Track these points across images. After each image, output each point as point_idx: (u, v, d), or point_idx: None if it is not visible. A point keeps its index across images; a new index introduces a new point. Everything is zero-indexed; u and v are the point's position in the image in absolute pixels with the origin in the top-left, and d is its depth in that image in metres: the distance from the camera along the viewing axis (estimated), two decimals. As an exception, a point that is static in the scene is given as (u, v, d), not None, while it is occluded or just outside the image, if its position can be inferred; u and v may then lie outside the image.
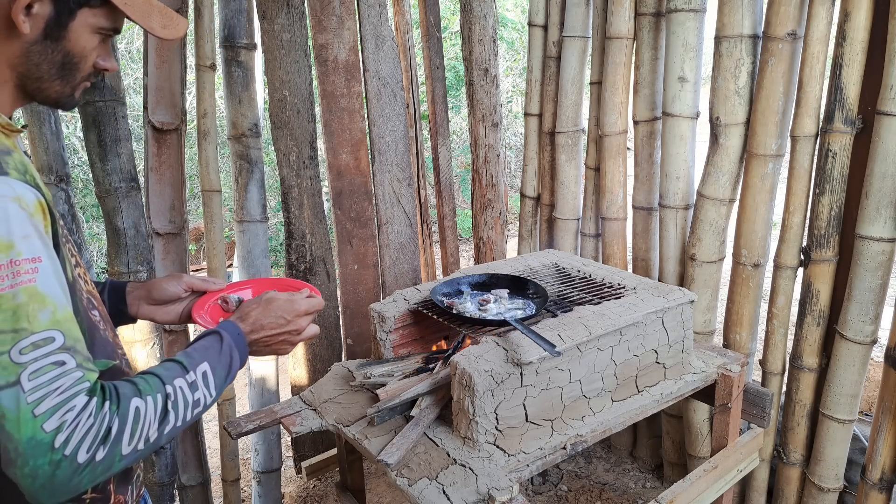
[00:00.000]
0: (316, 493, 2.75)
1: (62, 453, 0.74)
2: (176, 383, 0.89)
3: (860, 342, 1.96)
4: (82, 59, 0.91)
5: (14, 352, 0.73)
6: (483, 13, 2.78)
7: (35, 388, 0.74)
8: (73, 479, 0.76)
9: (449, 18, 6.35)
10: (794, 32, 1.97)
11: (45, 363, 0.75)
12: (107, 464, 0.79)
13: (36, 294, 0.75)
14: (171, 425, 0.87)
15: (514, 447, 1.48)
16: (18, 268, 0.74)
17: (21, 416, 0.73)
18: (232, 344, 1.00)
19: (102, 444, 0.78)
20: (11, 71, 0.87)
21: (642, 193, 2.49)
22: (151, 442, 0.84)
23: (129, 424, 0.81)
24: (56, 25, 0.86)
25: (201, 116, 2.20)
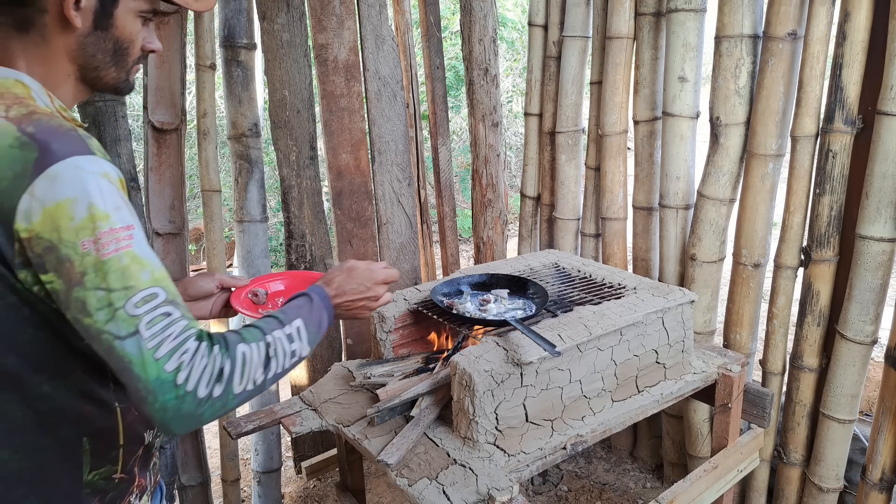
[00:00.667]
0: (316, 493, 2.75)
1: (185, 389, 0.84)
2: (275, 334, 0.99)
3: (860, 342, 1.96)
4: (130, 43, 0.98)
5: (129, 306, 0.82)
6: (483, 13, 2.78)
7: (152, 336, 0.83)
8: (196, 411, 0.85)
9: (449, 18, 6.35)
10: (794, 32, 1.97)
11: (156, 314, 0.84)
12: (223, 400, 0.88)
13: (135, 257, 0.84)
14: (273, 371, 0.96)
15: (514, 447, 1.48)
16: (117, 235, 0.82)
17: (145, 360, 0.82)
18: (321, 304, 1.10)
19: (218, 381, 0.87)
20: (73, 64, 0.94)
21: (642, 193, 2.49)
22: (258, 385, 0.94)
23: (239, 367, 0.91)
24: (103, 15, 0.93)
25: (201, 116, 2.20)
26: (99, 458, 0.97)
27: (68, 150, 0.82)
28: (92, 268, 0.81)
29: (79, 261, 0.80)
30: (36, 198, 0.80)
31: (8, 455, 0.90)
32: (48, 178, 0.80)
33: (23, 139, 0.82)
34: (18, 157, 0.81)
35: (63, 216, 0.80)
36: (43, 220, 0.80)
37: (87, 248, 0.81)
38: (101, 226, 0.81)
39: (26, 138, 0.82)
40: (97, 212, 0.81)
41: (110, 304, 0.81)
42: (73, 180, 0.81)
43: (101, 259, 0.81)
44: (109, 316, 0.81)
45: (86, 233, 0.81)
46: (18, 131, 0.82)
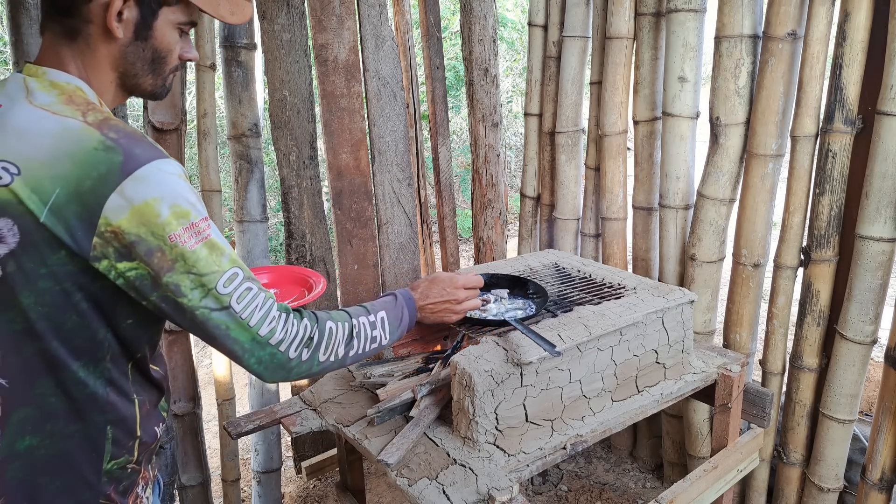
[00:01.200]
0: (316, 493, 2.75)
1: (278, 348, 1.01)
2: (360, 319, 1.15)
3: (860, 342, 1.96)
4: (168, 52, 1.04)
5: (219, 286, 0.95)
6: (483, 13, 2.78)
7: (244, 308, 0.97)
8: (287, 366, 1.03)
9: (449, 18, 6.35)
10: (794, 32, 1.97)
11: (242, 289, 0.98)
12: (308, 364, 1.06)
13: (215, 245, 0.96)
14: (354, 350, 1.13)
15: (514, 447, 1.48)
16: (198, 227, 0.94)
17: (241, 327, 0.97)
18: (404, 303, 1.26)
19: (306, 347, 1.04)
20: (114, 72, 1.02)
21: (642, 193, 2.49)
22: (339, 358, 1.11)
23: (325, 338, 1.07)
24: (143, 26, 0.99)
25: (201, 116, 2.20)
26: (119, 448, 1.02)
27: (150, 155, 0.92)
28: (181, 257, 0.92)
29: (168, 251, 0.91)
30: (125, 197, 0.88)
31: (37, 442, 0.95)
32: (136, 180, 0.88)
33: (107, 143, 0.89)
34: (103, 159, 0.88)
35: (151, 214, 0.89)
36: (130, 217, 0.88)
37: (174, 240, 0.91)
38: (184, 221, 0.92)
39: (110, 143, 0.90)
40: (179, 209, 0.92)
41: (203, 285, 0.94)
42: (157, 182, 0.90)
43: (189, 250, 0.92)
44: (204, 294, 0.94)
45: (172, 227, 0.91)
46: (101, 135, 0.90)
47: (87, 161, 0.88)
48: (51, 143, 0.89)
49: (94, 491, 1.00)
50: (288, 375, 1.03)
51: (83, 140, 0.89)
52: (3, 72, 5.37)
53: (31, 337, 0.92)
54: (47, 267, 0.90)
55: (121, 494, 1.04)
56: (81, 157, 0.88)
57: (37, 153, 0.88)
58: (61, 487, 0.97)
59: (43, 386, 0.94)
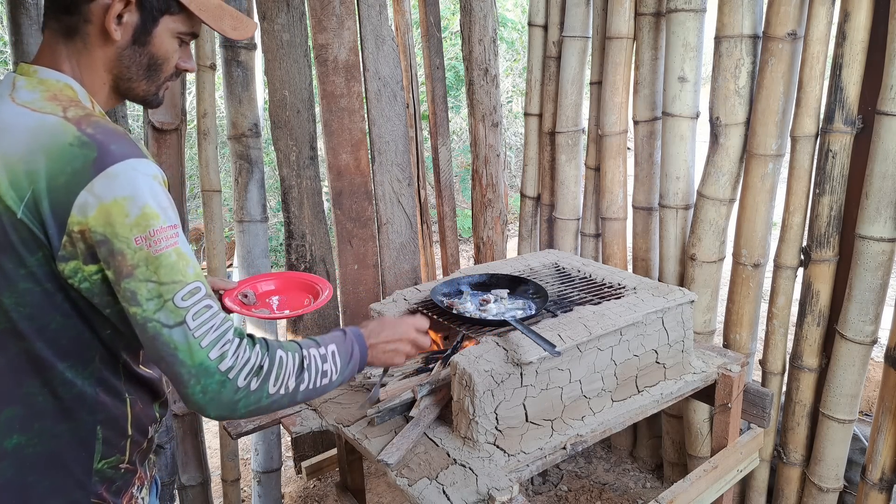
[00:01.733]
0: (316, 493, 2.75)
1: (227, 375, 0.92)
2: (311, 351, 1.06)
3: (860, 342, 1.96)
4: (165, 60, 1.03)
5: (177, 298, 0.89)
6: (483, 13, 2.78)
7: (198, 326, 0.91)
8: (233, 398, 0.93)
9: (449, 18, 6.35)
10: (794, 32, 1.97)
11: (200, 307, 0.91)
12: (257, 395, 0.96)
13: (181, 254, 0.91)
14: (305, 385, 1.03)
15: (514, 447, 1.48)
16: (166, 233, 0.89)
17: (191, 347, 0.90)
18: (353, 339, 1.16)
19: (256, 375, 0.95)
20: (108, 74, 1.00)
21: (642, 193, 2.49)
22: (290, 391, 1.00)
23: (276, 368, 0.98)
24: (142, 32, 0.99)
25: (201, 116, 2.20)
26: (110, 447, 1.01)
27: (125, 153, 0.89)
28: (143, 262, 0.87)
29: (131, 255, 0.87)
30: (94, 194, 0.85)
31: (25, 440, 0.94)
32: (107, 177, 0.86)
33: (82, 139, 0.87)
34: (78, 154, 0.86)
35: (119, 213, 0.86)
36: (98, 215, 0.86)
37: (139, 243, 0.87)
38: (153, 224, 0.88)
39: (86, 138, 0.87)
40: (150, 211, 0.88)
41: (160, 295, 0.88)
42: (129, 180, 0.87)
43: (153, 255, 0.88)
44: (159, 306, 0.89)
45: (139, 230, 0.87)
46: (78, 131, 0.88)
47: (61, 156, 0.86)
48: (27, 138, 0.88)
49: (84, 490, 0.99)
50: (234, 409, 0.94)
51: (59, 135, 0.88)
52: (2, 72, 5.38)
53: (15, 337, 0.92)
54: (26, 268, 0.89)
55: (114, 494, 1.03)
56: (56, 153, 0.86)
57: (14, 149, 0.87)
58: (51, 487, 0.97)
59: (30, 385, 0.93)
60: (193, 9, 1.00)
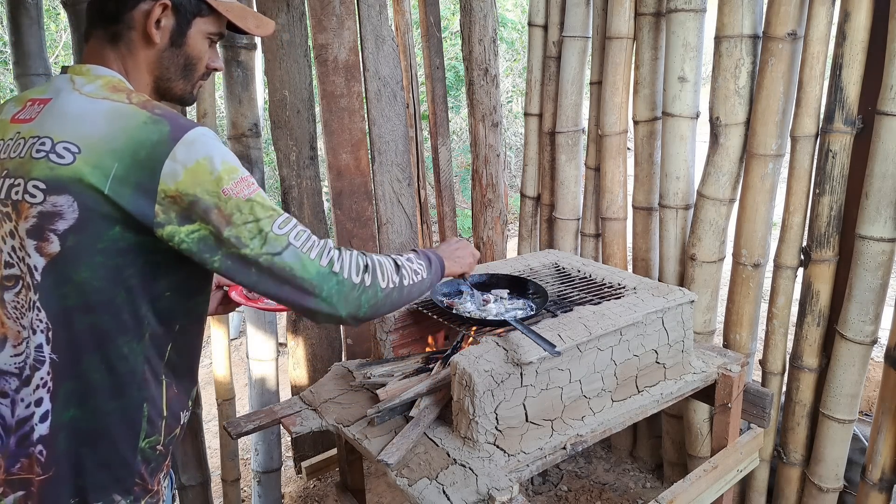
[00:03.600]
0: (316, 493, 2.75)
1: (342, 276, 1.03)
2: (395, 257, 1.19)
3: (860, 342, 1.96)
4: (199, 60, 1.13)
5: (275, 227, 0.99)
6: (483, 13, 2.78)
7: (302, 244, 1.01)
8: (354, 293, 1.05)
9: (449, 18, 6.35)
10: (794, 32, 1.97)
11: (298, 230, 1.02)
12: (373, 290, 1.08)
13: (261, 195, 1.00)
14: (407, 280, 1.16)
15: (514, 447, 1.48)
16: (248, 180, 0.99)
17: (304, 262, 1.00)
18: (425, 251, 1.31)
19: (366, 272, 1.07)
20: (150, 75, 1.10)
21: (642, 193, 2.49)
22: (397, 286, 1.13)
23: (378, 266, 1.10)
24: (178, 34, 1.09)
25: (201, 116, 2.20)
26: (152, 426, 1.06)
27: (191, 123, 0.98)
28: (236, 208, 0.96)
29: (223, 205, 0.95)
30: (178, 161, 0.93)
31: (80, 414, 0.99)
32: (185, 144, 0.94)
33: (154, 117, 0.96)
34: (153, 130, 0.94)
35: (203, 172, 0.94)
36: (186, 178, 0.93)
37: (228, 193, 0.96)
38: (234, 175, 0.97)
39: (157, 116, 0.96)
40: (228, 165, 0.97)
41: (261, 230, 0.97)
42: (204, 143, 0.96)
43: (244, 199, 0.97)
44: (263, 240, 0.97)
45: (224, 182, 0.95)
46: (147, 111, 0.97)
47: (139, 133, 0.94)
48: (105, 121, 0.95)
49: (129, 468, 1.04)
50: (359, 305, 1.05)
51: (133, 116, 0.96)
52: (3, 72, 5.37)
53: (84, 311, 0.97)
54: (103, 242, 0.95)
55: (150, 475, 1.08)
56: (134, 131, 0.94)
57: (94, 132, 0.95)
58: (101, 461, 1.01)
59: (89, 361, 0.98)
60: (221, 10, 1.11)
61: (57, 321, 0.96)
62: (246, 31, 1.14)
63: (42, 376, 0.98)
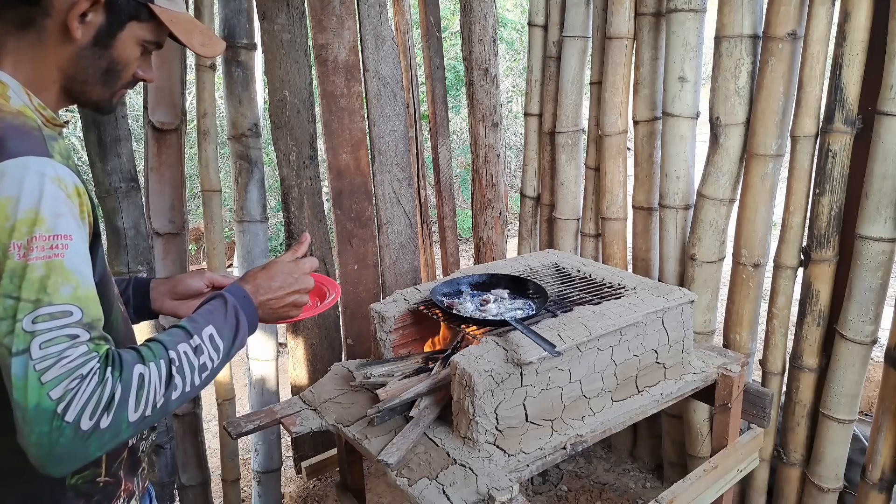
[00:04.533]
0: (316, 493, 2.75)
1: (64, 420, 0.76)
2: (180, 348, 0.90)
3: (860, 342, 1.96)
4: (125, 67, 0.98)
5: (27, 321, 0.76)
6: (483, 13, 2.78)
7: (43, 358, 0.76)
8: (78, 446, 0.77)
9: (449, 18, 6.35)
10: (794, 32, 1.97)
11: (59, 334, 0.77)
12: (113, 431, 0.80)
13: (62, 269, 0.79)
14: (179, 390, 0.88)
15: (514, 447, 1.48)
16: (51, 242, 0.78)
17: (29, 384, 0.75)
18: (237, 305, 1.00)
19: (106, 411, 0.79)
20: (60, 73, 0.93)
21: (642, 193, 2.49)
22: (159, 408, 0.86)
23: (134, 391, 0.82)
24: (106, 34, 0.93)
25: (201, 116, 2.20)
26: None
27: (22, 149, 0.80)
28: (10, 273, 0.77)
29: (1, 262, 0.77)
30: None
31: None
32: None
33: None
34: None
35: (1, 214, 0.77)
36: None
37: (12, 251, 0.77)
38: (35, 230, 0.78)
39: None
40: (36, 215, 0.78)
41: (14, 314, 0.76)
42: (18, 179, 0.78)
43: (24, 264, 0.77)
44: (9, 328, 0.76)
45: (17, 234, 0.77)
46: None
47: None
48: None
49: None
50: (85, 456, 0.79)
51: None
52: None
53: None
54: None
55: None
56: None
57: None
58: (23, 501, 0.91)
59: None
60: (164, 19, 0.96)
61: None
62: (190, 48, 0.99)
63: None
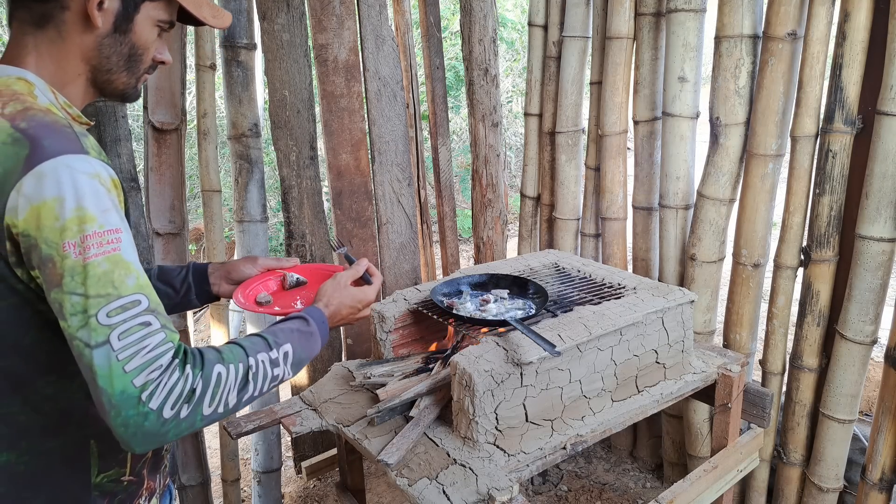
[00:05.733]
0: (316, 493, 2.75)
1: (149, 406, 0.81)
2: (259, 357, 0.95)
3: (860, 342, 1.96)
4: (145, 50, 1.00)
5: (101, 314, 0.79)
6: (483, 13, 2.78)
7: (124, 347, 0.80)
8: (159, 431, 0.82)
9: (449, 18, 6.35)
10: (794, 32, 1.97)
11: (133, 324, 0.81)
12: (189, 421, 0.85)
13: (122, 261, 0.82)
14: (249, 394, 0.93)
15: (514, 447, 1.48)
16: (103, 238, 0.81)
17: (112, 373, 0.79)
18: (317, 330, 1.08)
19: (186, 402, 0.84)
20: (86, 64, 0.95)
21: (642, 193, 2.49)
22: (230, 407, 0.91)
23: (211, 388, 0.87)
24: (123, 19, 0.95)
25: (201, 116, 2.20)
26: (107, 461, 0.97)
27: (59, 148, 0.81)
28: (70, 271, 0.79)
29: (59, 262, 0.79)
30: (23, 195, 0.79)
31: (15, 458, 0.90)
32: (36, 176, 0.79)
33: (15, 135, 0.81)
34: (10, 153, 0.80)
35: (48, 215, 0.78)
36: (28, 217, 0.79)
37: (67, 250, 0.79)
38: (86, 228, 0.80)
39: (18, 134, 0.81)
40: (84, 213, 0.80)
41: (85, 310, 0.79)
42: (61, 179, 0.79)
43: (83, 263, 0.79)
44: (82, 322, 0.79)
45: (69, 234, 0.79)
46: (11, 127, 0.82)
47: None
48: None
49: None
50: (162, 439, 0.84)
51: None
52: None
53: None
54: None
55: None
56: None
57: None
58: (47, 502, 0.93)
59: (10, 404, 0.89)
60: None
61: None
62: (200, 20, 1.02)
63: None
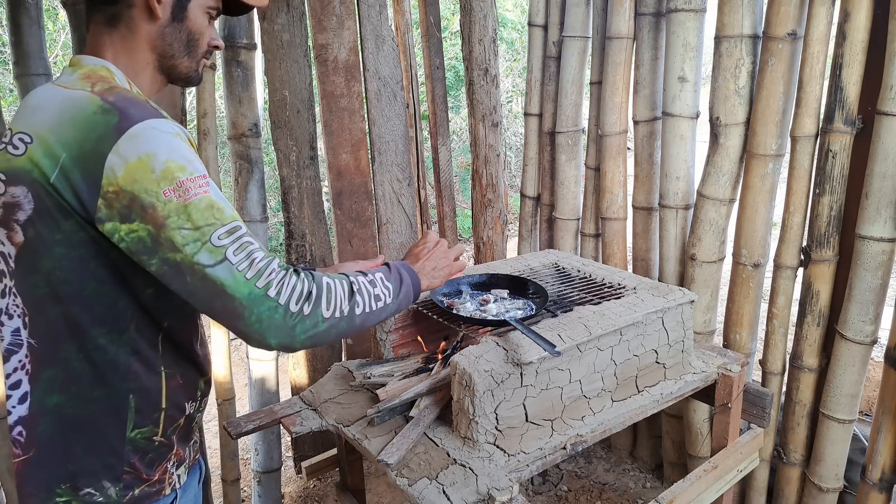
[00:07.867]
0: (316, 493, 2.75)
1: (277, 301, 0.94)
2: (357, 277, 1.09)
3: (860, 342, 1.96)
4: (200, 35, 1.12)
5: (214, 238, 0.93)
6: (483, 13, 2.78)
7: (240, 260, 0.93)
8: (288, 323, 0.95)
9: (449, 18, 6.36)
10: (794, 32, 1.97)
11: (241, 243, 0.95)
12: (312, 320, 0.98)
13: (213, 201, 0.95)
14: (361, 307, 1.06)
15: (514, 447, 1.48)
16: (195, 182, 0.93)
17: (237, 281, 0.93)
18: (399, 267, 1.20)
19: (307, 301, 0.97)
20: (152, 53, 1.09)
21: (642, 193, 2.49)
22: (346, 315, 1.03)
23: (325, 292, 1.00)
24: (179, 8, 1.08)
25: (201, 116, 2.20)
26: (142, 417, 1.05)
27: (144, 115, 0.94)
28: (174, 212, 0.91)
29: (161, 207, 0.91)
30: (120, 155, 0.90)
31: (64, 401, 1.00)
32: (129, 138, 0.91)
33: (105, 106, 0.93)
34: (101, 121, 0.92)
35: (144, 169, 0.90)
36: (126, 174, 0.90)
37: (168, 195, 0.91)
38: (178, 175, 0.92)
39: (108, 105, 0.94)
40: (174, 164, 0.92)
41: (197, 238, 0.92)
42: (150, 138, 0.92)
43: (185, 203, 0.91)
44: (198, 248, 0.92)
45: (166, 182, 0.91)
46: (101, 100, 0.94)
47: (86, 124, 0.92)
48: (57, 112, 0.95)
49: (118, 457, 1.03)
50: (293, 335, 0.96)
51: (84, 106, 0.94)
52: (3, 72, 5.37)
53: (54, 301, 0.96)
54: (62, 233, 0.94)
55: (147, 466, 1.06)
56: (82, 121, 0.92)
57: (45, 122, 0.94)
58: (88, 447, 1.01)
59: (67, 350, 0.98)
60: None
61: (32, 308, 0.97)
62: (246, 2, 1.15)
63: (20, 359, 0.99)
